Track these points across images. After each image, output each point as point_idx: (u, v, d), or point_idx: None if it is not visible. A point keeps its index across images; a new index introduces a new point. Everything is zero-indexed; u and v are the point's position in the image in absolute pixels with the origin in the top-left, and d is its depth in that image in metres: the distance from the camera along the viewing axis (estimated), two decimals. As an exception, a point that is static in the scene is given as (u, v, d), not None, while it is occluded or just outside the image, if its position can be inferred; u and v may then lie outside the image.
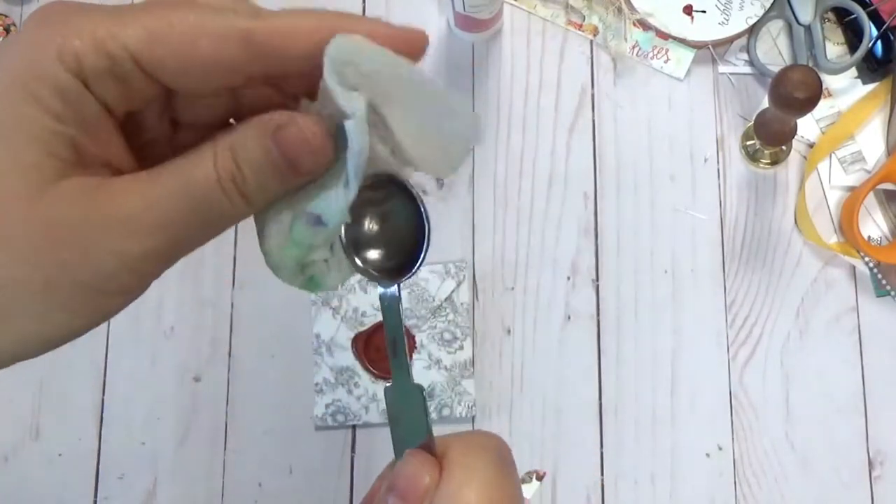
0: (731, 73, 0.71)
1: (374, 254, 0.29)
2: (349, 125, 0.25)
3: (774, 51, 0.71)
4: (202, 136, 0.27)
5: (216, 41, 0.24)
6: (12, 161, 0.23)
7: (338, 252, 0.29)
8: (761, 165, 0.69)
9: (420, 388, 0.30)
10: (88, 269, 0.24)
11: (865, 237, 0.67)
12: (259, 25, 0.25)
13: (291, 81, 0.27)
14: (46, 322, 0.24)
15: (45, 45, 0.23)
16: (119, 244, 0.24)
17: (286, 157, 0.25)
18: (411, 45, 0.26)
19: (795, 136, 0.66)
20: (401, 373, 0.30)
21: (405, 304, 0.66)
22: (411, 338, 0.66)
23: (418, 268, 0.29)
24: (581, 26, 0.72)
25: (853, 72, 0.70)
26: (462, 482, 0.29)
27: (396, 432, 0.30)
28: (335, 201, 0.26)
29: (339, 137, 0.26)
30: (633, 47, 0.71)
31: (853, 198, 0.67)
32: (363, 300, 0.67)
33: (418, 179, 0.65)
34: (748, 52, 0.70)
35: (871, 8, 0.68)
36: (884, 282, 0.65)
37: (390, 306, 0.30)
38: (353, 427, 0.67)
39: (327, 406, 0.66)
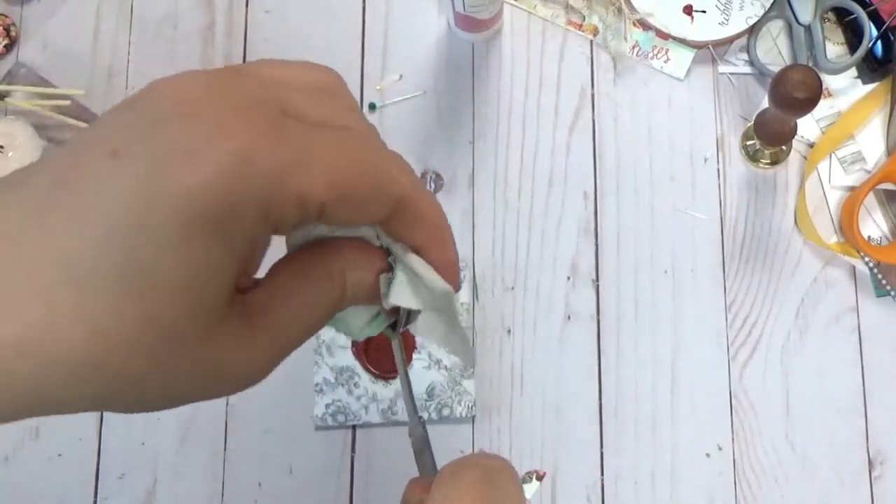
0: (731, 73, 0.71)
1: None
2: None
3: (774, 51, 0.71)
4: None
5: (373, 194, 0.23)
6: (194, 301, 0.21)
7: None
8: (761, 165, 0.69)
9: (420, 423, 0.37)
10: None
11: (865, 237, 0.67)
12: (414, 199, 0.25)
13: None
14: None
15: (243, 174, 0.21)
16: (254, 377, 0.25)
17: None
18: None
19: (795, 136, 0.66)
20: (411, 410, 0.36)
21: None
22: (411, 338, 0.66)
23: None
24: (581, 26, 0.72)
25: (853, 72, 0.70)
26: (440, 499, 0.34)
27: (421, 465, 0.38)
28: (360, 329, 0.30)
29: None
30: (633, 47, 0.71)
31: (853, 198, 0.67)
32: (363, 300, 0.67)
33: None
34: (748, 52, 0.70)
35: (871, 8, 0.68)
36: (884, 282, 0.65)
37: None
38: (353, 427, 0.67)
39: (327, 406, 0.66)
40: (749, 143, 0.69)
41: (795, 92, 0.56)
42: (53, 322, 0.19)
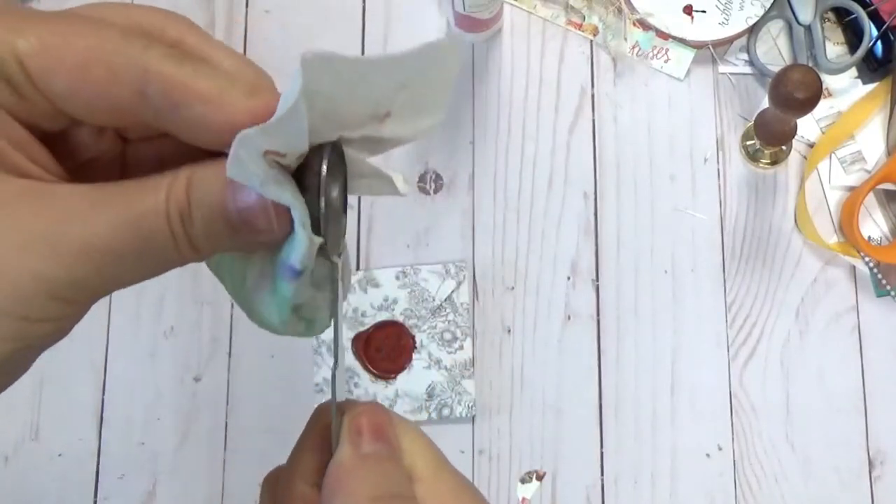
0: (731, 73, 0.71)
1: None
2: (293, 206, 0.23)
3: (774, 51, 0.71)
4: (158, 152, 0.25)
5: (108, 75, 0.22)
6: None
7: (322, 288, 0.27)
8: (761, 165, 0.69)
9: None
10: (2, 291, 0.21)
11: (865, 237, 0.67)
12: (163, 72, 0.22)
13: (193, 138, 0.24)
14: None
15: None
16: (42, 267, 0.21)
17: (242, 217, 0.23)
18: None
19: (795, 136, 0.66)
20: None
21: (405, 304, 0.67)
22: (411, 337, 0.66)
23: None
24: (581, 26, 0.72)
25: (853, 72, 0.70)
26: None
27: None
28: (297, 248, 0.24)
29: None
30: (633, 47, 0.71)
31: (853, 198, 0.67)
32: (363, 300, 0.67)
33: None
34: (748, 52, 0.70)
35: (871, 8, 0.68)
36: (884, 282, 0.65)
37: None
38: (353, 427, 0.66)
39: (327, 406, 0.66)
40: (749, 143, 0.69)
41: (795, 92, 0.56)
42: None
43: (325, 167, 0.23)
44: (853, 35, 0.69)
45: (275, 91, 0.24)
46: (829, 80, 0.69)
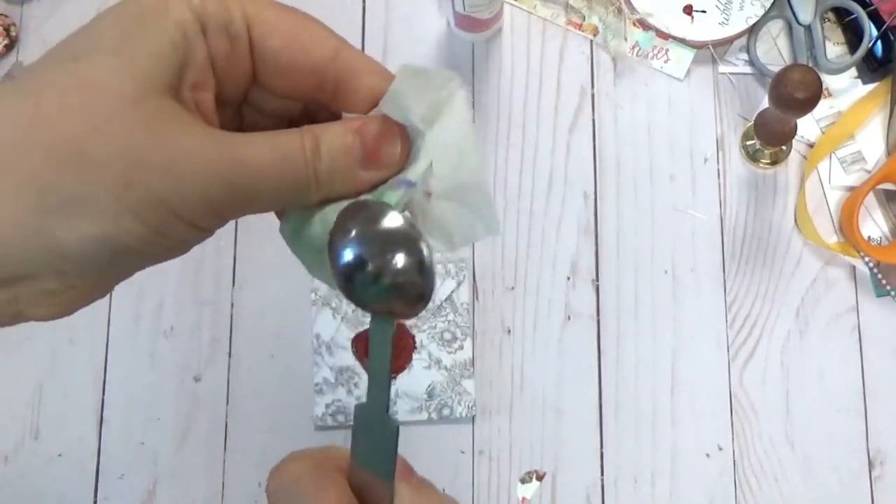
0: (731, 73, 0.71)
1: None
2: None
3: (774, 51, 0.71)
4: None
5: (313, 41, 0.27)
6: (127, 64, 0.24)
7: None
8: (761, 165, 0.69)
9: (394, 424, 0.27)
10: (170, 185, 0.24)
11: (865, 237, 0.67)
12: (347, 51, 0.28)
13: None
14: (117, 223, 0.24)
15: None
16: (208, 177, 0.25)
17: (365, 147, 0.27)
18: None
19: (795, 136, 0.66)
20: (380, 398, 0.27)
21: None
22: (411, 337, 0.66)
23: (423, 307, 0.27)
24: (581, 26, 0.72)
25: (853, 72, 0.70)
26: None
27: (357, 449, 0.28)
28: (418, 167, 0.28)
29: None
30: (633, 47, 0.71)
31: (853, 198, 0.67)
32: (363, 300, 0.67)
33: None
34: (748, 52, 0.70)
35: (871, 8, 0.68)
36: (884, 282, 0.65)
37: (385, 336, 0.27)
38: (353, 427, 0.67)
39: (327, 406, 0.66)
40: (749, 143, 0.69)
41: (795, 92, 0.56)
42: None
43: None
44: (853, 35, 0.69)
45: None
46: (829, 80, 0.69)
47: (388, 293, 0.25)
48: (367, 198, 0.27)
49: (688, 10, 0.70)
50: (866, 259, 0.65)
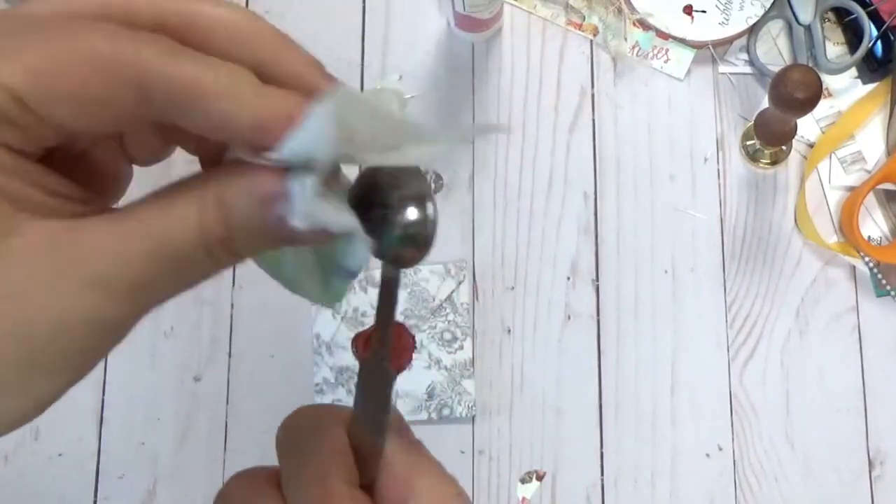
0: (731, 73, 0.71)
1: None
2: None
3: (774, 51, 0.71)
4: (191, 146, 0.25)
5: (106, 89, 0.21)
6: None
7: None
8: (761, 165, 0.69)
9: (390, 376, 0.30)
10: (58, 334, 0.22)
11: (865, 237, 0.67)
12: (163, 73, 0.21)
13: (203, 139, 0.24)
14: (27, 395, 0.23)
15: None
16: (99, 314, 0.22)
17: (285, 234, 0.22)
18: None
19: (795, 136, 0.66)
20: (381, 349, 0.30)
21: (405, 304, 0.67)
22: (411, 337, 0.66)
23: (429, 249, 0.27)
24: (581, 26, 0.72)
25: (853, 72, 0.70)
26: None
27: (356, 401, 0.30)
28: (357, 253, 0.25)
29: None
30: (633, 47, 0.71)
31: (853, 198, 0.67)
32: (363, 300, 0.67)
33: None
34: (748, 52, 0.70)
35: (871, 8, 0.68)
36: (884, 282, 0.65)
37: (394, 282, 0.29)
38: (353, 427, 0.67)
39: (327, 406, 0.66)
40: (749, 143, 0.69)
41: (795, 92, 0.56)
42: None
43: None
44: (853, 35, 0.69)
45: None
46: (829, 80, 0.69)
47: (402, 242, 0.26)
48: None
49: (688, 10, 0.70)
50: (866, 259, 0.65)
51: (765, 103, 0.63)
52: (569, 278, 0.68)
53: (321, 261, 0.27)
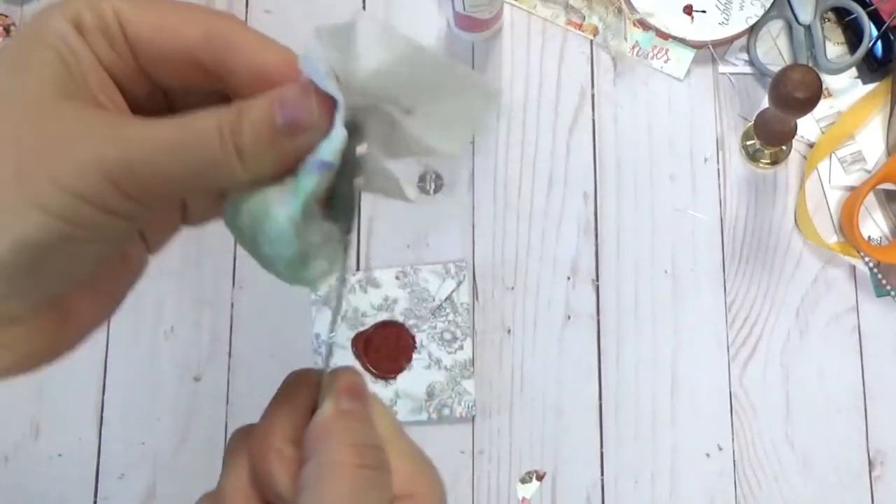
0: (731, 73, 0.71)
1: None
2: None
3: (774, 51, 0.71)
4: None
5: (185, 23, 0.27)
6: (15, 77, 0.25)
7: (330, 240, 0.29)
8: (761, 165, 0.69)
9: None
10: (61, 167, 0.24)
11: (865, 237, 0.67)
12: (226, 31, 0.27)
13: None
14: (21, 219, 0.24)
15: (52, 6, 0.26)
16: (104, 150, 0.24)
17: (285, 114, 0.26)
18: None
19: (795, 136, 0.66)
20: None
21: (405, 304, 0.67)
22: (411, 337, 0.66)
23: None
24: (581, 26, 0.72)
25: (853, 72, 0.70)
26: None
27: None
28: (332, 142, 0.26)
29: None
30: (633, 47, 0.71)
31: (853, 198, 0.67)
32: (363, 300, 0.67)
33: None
34: (748, 52, 0.70)
35: (871, 8, 0.68)
36: (884, 282, 0.65)
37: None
38: (353, 427, 0.66)
39: (327, 406, 0.66)
40: (749, 143, 0.69)
41: (795, 92, 0.56)
42: None
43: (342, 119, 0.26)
44: (853, 35, 0.69)
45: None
46: (829, 80, 0.69)
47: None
48: (283, 189, 0.27)
49: (688, 10, 0.70)
50: (866, 259, 0.65)
51: (765, 103, 0.63)
52: (569, 278, 0.68)
53: (301, 244, 0.28)
